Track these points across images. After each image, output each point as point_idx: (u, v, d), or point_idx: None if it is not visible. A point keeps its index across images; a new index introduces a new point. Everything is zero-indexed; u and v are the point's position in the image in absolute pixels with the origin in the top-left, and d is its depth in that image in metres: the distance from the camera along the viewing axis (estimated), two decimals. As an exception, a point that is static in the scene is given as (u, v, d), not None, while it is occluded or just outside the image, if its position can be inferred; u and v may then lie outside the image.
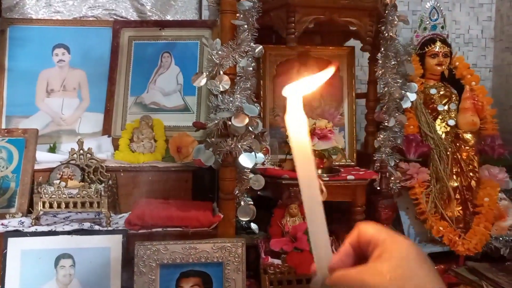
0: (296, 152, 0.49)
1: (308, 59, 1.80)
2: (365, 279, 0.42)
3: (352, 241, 0.47)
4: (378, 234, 0.45)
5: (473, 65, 2.14)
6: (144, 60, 1.75)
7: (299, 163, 0.49)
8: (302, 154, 0.49)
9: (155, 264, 1.22)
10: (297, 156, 0.49)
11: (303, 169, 0.49)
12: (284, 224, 1.38)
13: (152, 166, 1.45)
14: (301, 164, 0.49)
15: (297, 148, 0.49)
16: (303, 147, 0.48)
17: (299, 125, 0.48)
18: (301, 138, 0.48)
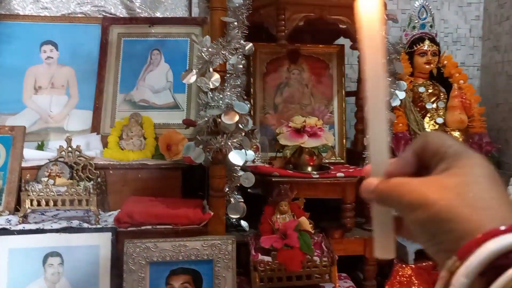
0: (366, 40, 0.43)
1: (298, 57, 1.81)
2: (427, 191, 0.35)
3: (417, 148, 0.40)
4: (448, 145, 0.38)
5: (461, 64, 2.16)
6: (134, 57, 1.73)
7: (368, 54, 0.43)
8: (372, 43, 0.43)
9: (144, 262, 1.21)
10: (366, 45, 0.43)
11: (371, 62, 0.43)
12: (274, 222, 1.38)
13: (142, 164, 1.44)
14: (370, 56, 0.43)
15: (368, 36, 0.43)
16: (373, 36, 0.43)
17: (372, 12, 0.43)
18: (373, 24, 0.43)
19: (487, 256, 0.30)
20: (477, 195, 0.33)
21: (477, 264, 0.30)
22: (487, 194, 0.34)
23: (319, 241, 1.42)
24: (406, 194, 0.37)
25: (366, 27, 0.43)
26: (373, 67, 0.43)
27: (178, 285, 1.23)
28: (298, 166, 1.51)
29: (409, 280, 1.63)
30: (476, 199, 0.33)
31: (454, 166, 0.36)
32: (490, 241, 0.30)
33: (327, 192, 1.51)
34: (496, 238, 0.30)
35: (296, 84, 1.79)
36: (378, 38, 0.43)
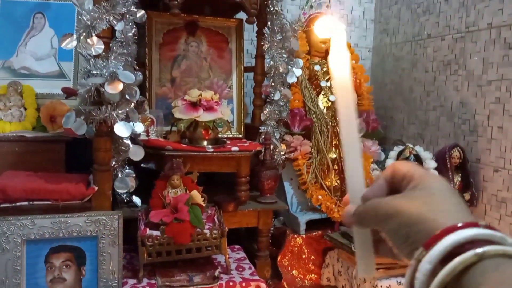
0: (339, 89, 0.50)
1: (196, 29, 1.77)
2: (399, 203, 0.43)
3: (386, 176, 0.48)
4: (413, 169, 0.46)
5: (355, 45, 2.27)
6: (13, 20, 1.57)
7: (341, 100, 0.50)
8: (343, 92, 0.50)
9: (20, 240, 1.13)
10: (339, 93, 0.50)
11: (344, 106, 0.50)
12: (165, 196, 1.35)
13: (19, 136, 1.33)
14: (343, 101, 0.50)
15: (340, 86, 0.50)
16: (345, 85, 0.50)
17: (342, 62, 0.50)
18: (344, 76, 0.50)
19: (447, 246, 0.36)
20: (440, 202, 0.41)
21: (438, 253, 0.36)
22: (448, 201, 0.42)
23: (212, 214, 1.42)
24: (381, 208, 0.44)
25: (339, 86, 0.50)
26: (346, 111, 0.50)
27: (59, 263, 1.17)
28: (193, 140, 1.50)
29: (300, 249, 1.71)
30: (439, 205, 0.41)
31: (420, 184, 0.44)
32: (449, 234, 0.37)
33: (222, 166, 1.52)
34: (454, 232, 0.37)
35: (194, 57, 1.76)
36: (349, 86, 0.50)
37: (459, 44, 1.73)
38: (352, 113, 0.51)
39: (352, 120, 0.51)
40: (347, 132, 0.51)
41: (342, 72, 0.51)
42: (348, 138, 0.51)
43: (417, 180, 0.44)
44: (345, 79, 0.51)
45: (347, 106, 0.51)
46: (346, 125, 0.51)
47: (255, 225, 1.59)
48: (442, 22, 1.83)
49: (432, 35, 1.89)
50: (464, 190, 1.59)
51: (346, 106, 0.51)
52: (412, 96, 2.02)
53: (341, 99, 0.51)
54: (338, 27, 0.51)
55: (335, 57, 0.51)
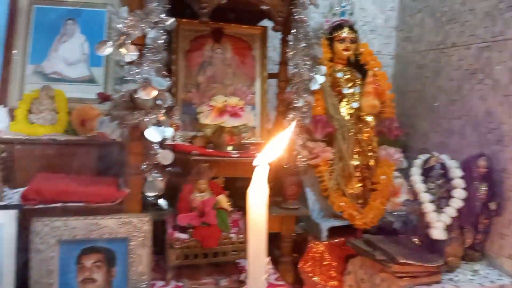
0: (252, 223, 0.50)
1: (222, 36, 1.79)
2: None
3: None
4: None
5: (377, 52, 2.27)
6: (46, 26, 1.62)
7: (253, 234, 0.50)
8: (257, 227, 0.50)
9: (54, 241, 1.16)
10: (252, 228, 0.50)
11: (255, 242, 0.50)
12: (192, 200, 1.38)
13: (52, 139, 1.37)
14: (254, 236, 0.50)
15: (254, 221, 0.49)
16: (259, 220, 0.50)
17: (261, 198, 0.50)
18: (260, 212, 0.50)
19: None
20: None
21: None
22: None
23: (237, 218, 1.44)
24: None
25: (253, 214, 0.50)
26: (256, 247, 0.50)
27: (90, 264, 1.19)
28: (218, 145, 1.52)
29: (321, 256, 1.71)
30: None
31: None
32: None
33: (246, 171, 1.50)
34: None
35: (219, 63, 1.79)
36: (263, 222, 0.50)
37: (485, 53, 1.73)
38: (262, 250, 0.51)
39: (262, 257, 0.51)
40: (255, 268, 0.51)
41: (259, 208, 0.50)
42: (255, 274, 0.51)
43: None
44: (261, 215, 0.50)
45: (259, 242, 0.51)
46: (255, 262, 0.51)
47: (278, 230, 1.61)
48: (467, 31, 1.83)
49: (457, 44, 1.89)
50: (490, 200, 1.58)
51: (257, 242, 0.51)
52: (435, 104, 2.02)
53: (254, 234, 0.50)
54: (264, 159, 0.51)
55: (256, 191, 0.50)
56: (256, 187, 0.50)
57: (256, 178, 0.50)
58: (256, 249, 0.50)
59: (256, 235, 0.50)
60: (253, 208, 0.50)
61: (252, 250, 0.50)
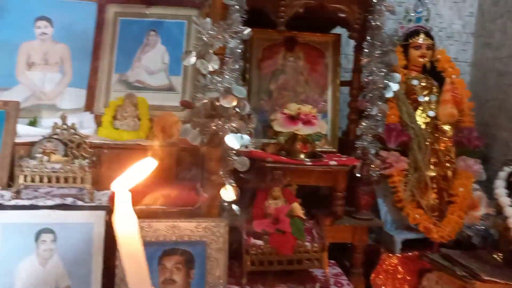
0: (124, 249, 0.46)
1: (294, 45, 1.81)
2: None
3: None
4: None
5: (453, 59, 2.17)
6: (130, 37, 1.72)
7: (127, 260, 0.46)
8: (130, 253, 0.46)
9: (137, 241, 1.21)
10: (125, 254, 0.46)
11: (131, 267, 0.47)
12: (266, 207, 1.40)
13: (137, 144, 1.44)
14: (130, 262, 0.47)
15: (125, 245, 0.46)
16: (132, 244, 0.46)
17: (128, 221, 0.46)
18: (131, 235, 0.46)
19: None
20: None
21: None
22: None
23: (310, 227, 1.44)
24: None
25: (122, 239, 0.47)
26: (135, 271, 0.47)
27: (171, 265, 1.24)
28: (291, 152, 1.52)
29: (395, 269, 1.67)
30: None
31: None
32: None
33: (319, 179, 1.53)
34: None
35: (291, 71, 1.80)
36: (137, 245, 0.46)
37: None
38: (143, 274, 0.47)
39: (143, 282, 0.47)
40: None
41: (129, 232, 0.46)
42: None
43: None
44: (133, 238, 0.47)
45: (136, 267, 0.47)
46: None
47: (350, 240, 1.58)
48: (557, 36, 1.71)
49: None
50: None
51: (134, 267, 0.47)
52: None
53: (129, 260, 0.47)
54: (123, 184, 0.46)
55: (122, 215, 0.46)
56: (122, 215, 0.46)
57: (120, 205, 0.45)
58: (137, 279, 0.47)
59: (134, 264, 0.47)
60: (124, 238, 0.46)
61: (133, 281, 0.47)
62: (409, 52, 1.87)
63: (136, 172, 0.46)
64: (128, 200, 0.45)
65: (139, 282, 0.46)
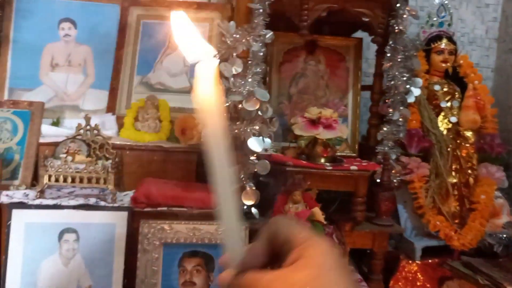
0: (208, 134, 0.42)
1: (315, 48, 1.80)
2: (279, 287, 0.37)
3: (268, 236, 0.43)
4: (296, 233, 0.40)
5: (475, 65, 2.15)
6: (152, 40, 1.73)
7: (211, 148, 0.43)
8: (214, 136, 0.43)
9: (159, 243, 1.22)
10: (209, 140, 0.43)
11: (215, 145, 0.43)
12: (286, 211, 1.39)
13: (158, 146, 1.45)
14: (213, 151, 0.43)
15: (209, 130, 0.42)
16: (215, 127, 0.42)
17: (210, 99, 0.42)
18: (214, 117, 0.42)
19: None
20: (326, 285, 0.36)
21: None
22: (335, 284, 0.36)
23: (330, 232, 1.43)
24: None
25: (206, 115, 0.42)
26: (218, 153, 0.43)
27: (191, 268, 1.24)
28: (311, 157, 1.52)
29: (414, 276, 1.65)
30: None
31: (303, 256, 0.38)
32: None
33: (340, 184, 1.52)
34: None
35: (312, 75, 1.79)
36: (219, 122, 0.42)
37: None
38: (224, 158, 0.42)
39: (226, 167, 0.43)
40: (221, 179, 0.43)
41: (208, 98, 0.41)
42: (222, 190, 0.43)
43: (300, 248, 0.39)
44: (211, 106, 0.42)
45: (219, 148, 0.42)
46: (220, 172, 0.43)
47: (369, 247, 1.57)
48: None
49: None
50: None
51: (218, 147, 0.42)
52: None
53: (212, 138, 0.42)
54: (207, 52, 0.43)
55: (202, 85, 0.42)
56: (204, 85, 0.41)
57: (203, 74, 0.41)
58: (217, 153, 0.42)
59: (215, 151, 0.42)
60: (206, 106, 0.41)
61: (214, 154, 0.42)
62: (431, 57, 1.86)
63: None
64: (210, 70, 0.41)
65: (221, 157, 0.42)
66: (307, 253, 0.38)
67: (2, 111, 1.40)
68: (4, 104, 1.42)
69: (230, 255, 0.43)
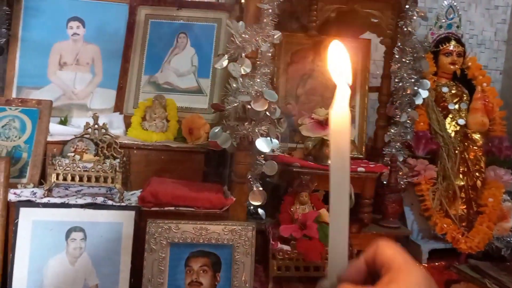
0: (334, 150, 0.46)
1: (323, 50, 1.80)
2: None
3: (368, 257, 0.46)
4: (394, 257, 0.43)
5: (484, 67, 2.14)
6: (160, 39, 1.73)
7: (335, 162, 0.46)
8: (340, 153, 0.46)
9: (165, 242, 1.22)
10: (334, 154, 0.46)
11: (338, 169, 0.46)
12: (293, 212, 1.38)
13: (165, 145, 1.45)
14: (337, 164, 0.46)
15: (336, 145, 0.46)
16: (343, 145, 0.46)
17: (343, 119, 0.46)
18: (344, 133, 0.46)
19: None
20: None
21: None
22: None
23: (336, 233, 1.42)
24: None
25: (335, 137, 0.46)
26: (339, 174, 0.46)
27: (197, 268, 1.24)
28: (318, 158, 1.51)
29: (420, 278, 1.63)
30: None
31: (395, 280, 0.40)
32: None
33: (347, 186, 1.51)
34: None
35: (320, 76, 1.79)
36: (347, 147, 0.46)
37: None
38: (346, 178, 0.45)
39: (345, 187, 0.46)
40: (338, 199, 0.46)
41: (343, 130, 0.46)
42: (337, 207, 0.46)
43: (394, 273, 0.41)
44: (345, 138, 0.46)
45: (342, 170, 0.46)
46: (337, 192, 0.46)
47: (376, 249, 1.56)
48: None
49: None
50: None
51: (340, 169, 0.46)
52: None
53: (336, 162, 0.46)
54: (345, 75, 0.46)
55: (339, 111, 0.46)
56: (339, 110, 0.46)
57: (339, 97, 0.47)
58: (339, 176, 0.46)
59: (340, 160, 0.45)
60: (336, 134, 0.46)
61: (335, 174, 0.45)
62: (439, 58, 1.84)
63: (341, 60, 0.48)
64: (346, 93, 0.47)
65: (342, 177, 0.46)
66: (400, 278, 0.41)
67: (11, 109, 1.40)
68: (13, 102, 1.42)
69: (333, 266, 0.46)
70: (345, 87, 0.47)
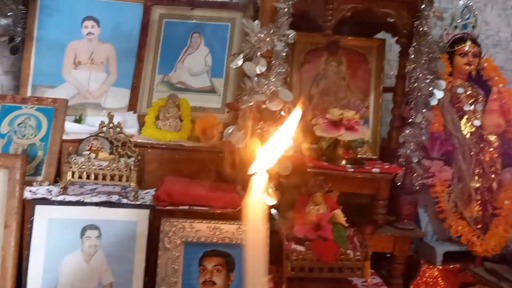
0: (251, 239, 0.46)
1: (338, 49, 1.79)
2: None
3: None
4: None
5: (500, 68, 2.11)
6: (174, 39, 1.74)
7: (251, 251, 0.46)
8: (256, 243, 0.47)
9: (179, 241, 1.22)
10: (251, 243, 0.47)
11: (253, 259, 0.46)
12: (307, 212, 1.38)
13: (179, 145, 1.45)
14: (253, 254, 0.47)
15: (253, 235, 0.46)
16: (259, 236, 0.46)
17: (259, 209, 0.46)
18: (259, 225, 0.46)
19: None
20: None
21: None
22: None
23: (351, 235, 1.41)
24: None
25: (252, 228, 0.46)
26: (255, 264, 0.46)
27: (211, 267, 1.24)
28: (332, 158, 1.50)
29: (435, 281, 1.62)
30: None
31: None
32: None
33: (361, 187, 1.50)
34: None
35: (333, 76, 1.78)
36: (263, 237, 0.46)
37: None
38: (261, 269, 0.46)
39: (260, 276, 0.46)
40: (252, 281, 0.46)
41: (258, 220, 0.45)
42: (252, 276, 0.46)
43: None
44: (261, 229, 0.46)
45: (258, 261, 0.46)
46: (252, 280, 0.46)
47: (390, 250, 1.54)
48: None
49: None
50: None
51: (256, 260, 0.46)
52: None
53: (253, 251, 0.46)
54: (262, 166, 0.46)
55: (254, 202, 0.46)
56: (254, 199, 0.46)
57: (255, 188, 0.46)
58: (253, 268, 0.46)
59: (254, 252, 0.46)
60: (251, 224, 0.46)
61: (250, 267, 0.46)
62: (455, 59, 1.82)
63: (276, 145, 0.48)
64: (262, 182, 0.45)
65: (255, 271, 0.46)
66: None
67: (27, 107, 1.41)
68: (29, 100, 1.44)
69: None
70: (262, 176, 0.46)
